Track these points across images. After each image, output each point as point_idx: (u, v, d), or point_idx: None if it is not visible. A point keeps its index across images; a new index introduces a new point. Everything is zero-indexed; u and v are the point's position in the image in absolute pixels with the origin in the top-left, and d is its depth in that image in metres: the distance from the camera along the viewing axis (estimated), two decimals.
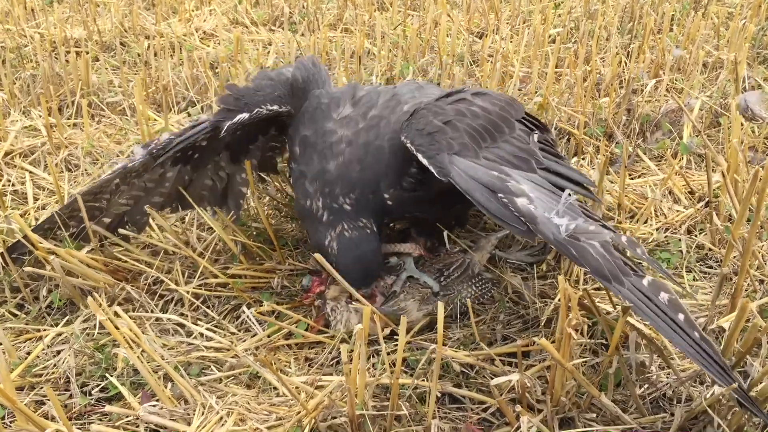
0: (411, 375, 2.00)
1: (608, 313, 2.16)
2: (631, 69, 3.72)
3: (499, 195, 1.83)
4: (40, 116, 3.50)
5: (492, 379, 1.90)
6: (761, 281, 2.32)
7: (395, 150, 2.10)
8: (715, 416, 1.73)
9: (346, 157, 2.13)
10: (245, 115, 2.26)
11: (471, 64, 4.04)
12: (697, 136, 3.16)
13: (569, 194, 1.88)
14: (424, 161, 1.96)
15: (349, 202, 2.12)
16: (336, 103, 2.28)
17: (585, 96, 3.42)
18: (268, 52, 4.36)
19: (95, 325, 2.23)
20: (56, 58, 4.08)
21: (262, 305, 2.30)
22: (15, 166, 3.17)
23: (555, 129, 3.32)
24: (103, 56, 4.25)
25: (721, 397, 1.76)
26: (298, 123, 2.30)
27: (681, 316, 1.72)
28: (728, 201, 2.58)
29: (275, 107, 2.30)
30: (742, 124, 3.01)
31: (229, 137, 2.42)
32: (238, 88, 2.39)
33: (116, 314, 2.08)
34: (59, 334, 2.25)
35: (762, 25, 4.43)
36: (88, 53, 4.04)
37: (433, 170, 1.94)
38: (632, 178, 3.02)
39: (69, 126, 3.53)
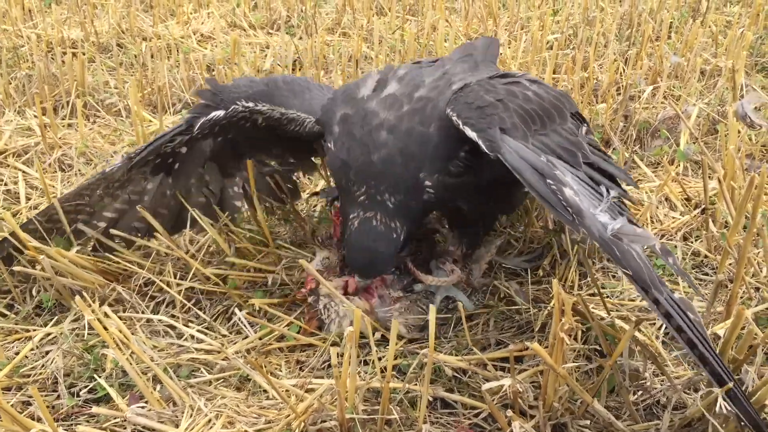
0: (402, 379, 1.98)
1: (602, 318, 2.14)
2: (628, 76, 3.71)
3: (548, 181, 1.77)
4: (35, 116, 3.49)
5: (484, 384, 1.88)
6: (757, 288, 2.30)
7: (443, 133, 1.98)
8: (711, 419, 1.71)
9: (390, 149, 2.00)
10: (221, 113, 2.20)
11: None
12: (694, 143, 3.15)
13: (612, 194, 1.84)
14: (472, 135, 1.87)
15: (393, 201, 2.02)
16: (364, 82, 2.16)
17: (582, 102, 3.41)
18: (266, 56, 4.35)
19: (84, 326, 2.20)
20: (52, 58, 4.06)
21: (254, 305, 2.28)
22: (8, 166, 3.15)
23: None
24: (99, 57, 4.24)
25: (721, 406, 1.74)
26: (332, 108, 2.15)
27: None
28: (724, 208, 2.57)
29: (250, 104, 2.22)
30: (739, 132, 3.00)
31: (211, 145, 2.38)
32: (217, 83, 2.34)
33: (106, 315, 2.06)
34: (48, 335, 2.23)
35: (760, 33, 4.43)
36: (84, 54, 4.03)
37: (482, 145, 1.85)
38: (629, 184, 3.00)
39: (63, 126, 3.51)
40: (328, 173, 2.65)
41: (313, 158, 2.62)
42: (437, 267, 2.31)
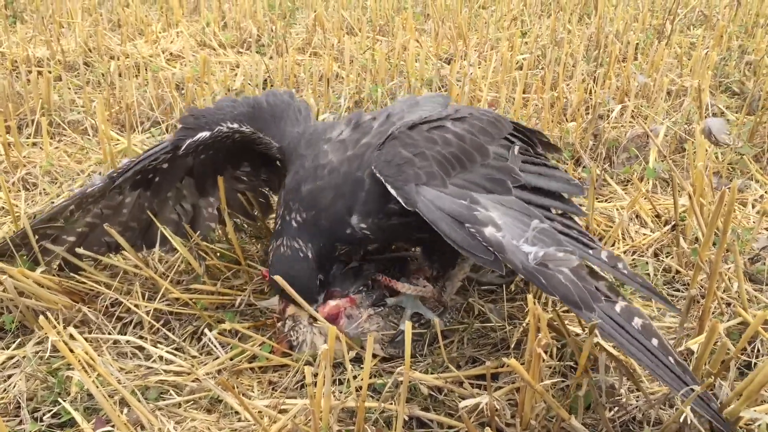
0: (377, 398, 1.94)
1: (577, 334, 2.14)
2: (597, 95, 3.76)
3: (467, 225, 1.79)
4: None
5: (461, 402, 1.85)
6: (728, 304, 2.32)
7: (374, 181, 2.03)
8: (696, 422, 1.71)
9: (323, 185, 2.07)
10: (206, 134, 2.23)
11: (440, 88, 4.04)
12: (662, 160, 3.19)
13: (534, 224, 1.86)
14: (393, 192, 1.93)
15: (298, 219, 2.07)
16: (332, 126, 2.23)
17: (552, 121, 3.44)
18: (236, 75, 4.33)
19: (48, 349, 2.13)
20: (17, 77, 3.99)
21: (225, 326, 2.23)
22: None
23: None
24: (66, 76, 4.18)
25: (692, 419, 1.74)
26: (294, 147, 2.22)
27: (655, 342, 1.70)
28: (695, 224, 2.60)
29: (235, 125, 2.25)
30: (706, 150, 3.04)
31: (192, 161, 2.37)
32: (198, 108, 2.35)
33: (71, 336, 1.99)
34: (10, 358, 2.15)
35: (723, 55, 4.53)
36: (50, 72, 3.97)
37: (401, 200, 1.90)
38: (600, 202, 3.03)
39: (28, 145, 3.44)
40: None
41: (275, 176, 2.61)
42: (410, 283, 2.29)
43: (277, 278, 1.97)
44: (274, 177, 2.59)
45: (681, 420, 1.68)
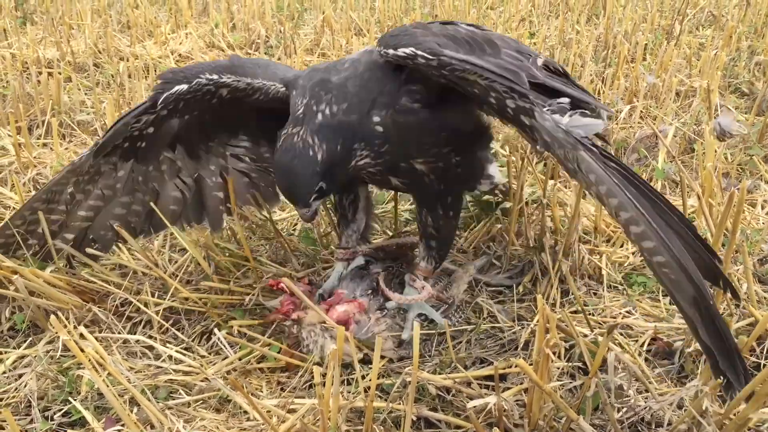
0: (386, 398, 1.95)
1: (585, 335, 2.13)
2: (605, 96, 3.75)
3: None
4: (9, 135, 3.43)
5: (469, 402, 1.85)
6: (737, 305, 2.31)
7: (388, 70, 2.01)
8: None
9: (348, 74, 2.04)
10: (183, 86, 2.20)
11: None
12: (671, 161, 3.18)
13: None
14: (408, 51, 1.89)
15: (326, 112, 1.99)
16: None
17: None
18: None
19: (59, 348, 2.15)
20: (28, 78, 4.02)
21: (234, 325, 2.24)
22: None
23: (531, 153, 3.33)
24: (75, 77, 4.20)
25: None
26: (298, 76, 2.17)
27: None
28: (704, 225, 2.59)
29: (214, 76, 2.21)
30: (715, 150, 3.03)
31: (177, 123, 2.34)
32: (176, 68, 2.35)
33: (82, 336, 2.00)
34: (22, 357, 2.17)
35: (733, 55, 4.51)
36: (60, 74, 3.99)
37: (420, 56, 1.86)
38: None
39: (38, 145, 3.46)
40: None
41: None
42: (408, 284, 2.30)
43: (285, 280, 1.97)
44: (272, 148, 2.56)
45: (690, 419, 1.68)
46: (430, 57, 1.86)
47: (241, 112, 2.35)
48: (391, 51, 1.94)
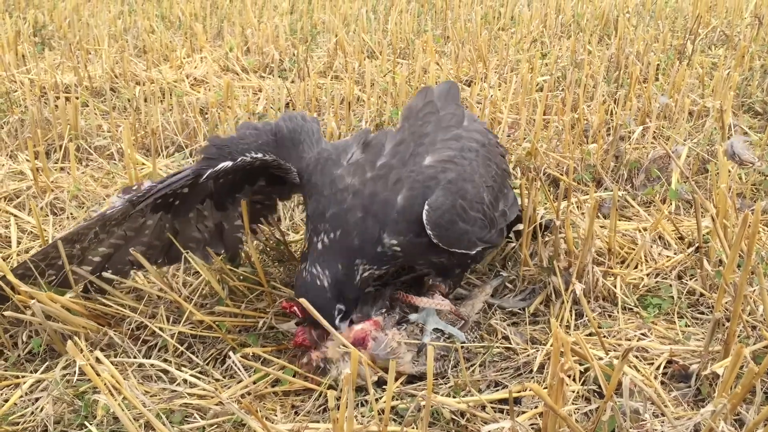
0: (400, 422, 1.94)
1: (600, 359, 2.12)
2: (618, 116, 3.76)
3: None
4: (27, 160, 3.48)
5: (483, 426, 1.85)
6: (754, 327, 2.29)
7: (408, 203, 2.11)
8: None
9: (349, 205, 2.11)
10: (228, 163, 2.26)
11: None
12: (685, 182, 3.17)
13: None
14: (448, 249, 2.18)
15: (324, 240, 2.10)
16: (344, 150, 2.28)
17: (573, 142, 3.44)
18: (258, 99, 4.39)
19: (75, 372, 2.16)
20: (45, 103, 4.08)
21: (248, 348, 2.25)
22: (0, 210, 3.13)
23: (543, 174, 3.33)
24: (92, 101, 4.26)
25: None
26: (310, 173, 2.27)
27: None
28: (718, 246, 2.58)
29: (259, 155, 2.30)
30: (729, 171, 3.02)
31: (212, 186, 2.41)
32: (220, 138, 2.39)
33: (98, 360, 2.02)
34: (38, 381, 2.18)
35: (746, 75, 4.51)
36: (77, 98, 4.05)
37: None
38: (622, 223, 3.01)
39: (56, 170, 3.51)
40: None
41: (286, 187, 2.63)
42: (427, 298, 2.32)
43: (302, 301, 1.99)
44: (285, 189, 2.63)
45: None
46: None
47: (266, 170, 2.45)
48: (431, 234, 2.12)
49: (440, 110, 2.37)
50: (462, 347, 2.21)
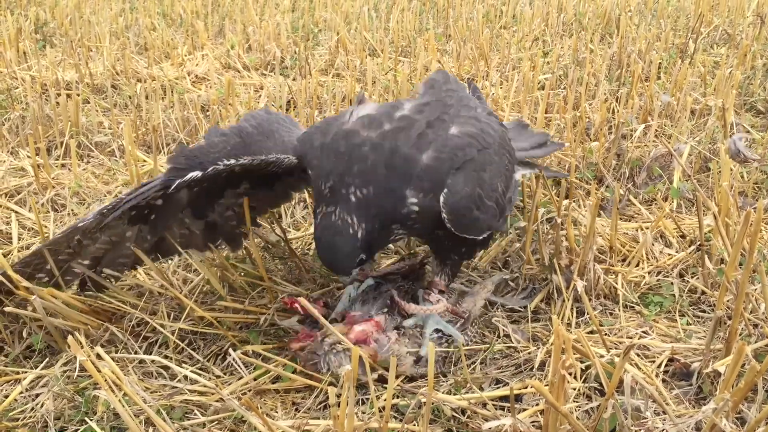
0: (401, 419, 1.94)
1: (602, 356, 2.12)
2: (620, 115, 3.75)
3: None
4: (28, 156, 3.48)
5: (484, 423, 1.84)
6: (755, 325, 2.29)
7: (440, 166, 2.08)
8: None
9: (372, 160, 2.06)
10: (197, 173, 2.16)
11: None
12: (687, 180, 3.17)
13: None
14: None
15: (357, 194, 2.04)
16: (343, 113, 2.23)
17: (575, 140, 3.43)
18: (260, 96, 4.38)
19: (76, 368, 2.16)
20: (47, 100, 4.08)
21: (249, 345, 2.24)
22: (0, 206, 3.13)
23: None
24: (93, 98, 4.26)
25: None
26: (311, 140, 2.21)
27: None
28: (720, 244, 2.57)
29: (231, 161, 2.20)
30: (731, 169, 3.02)
31: (186, 195, 2.35)
32: (189, 148, 2.30)
33: (98, 356, 2.02)
34: (38, 377, 2.18)
35: (748, 73, 4.50)
36: (79, 95, 4.04)
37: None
38: (623, 222, 3.01)
39: (57, 166, 3.50)
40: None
41: (273, 192, 2.59)
42: (423, 299, 2.30)
43: (301, 300, 1.98)
44: (272, 194, 2.58)
45: None
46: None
47: (247, 175, 2.39)
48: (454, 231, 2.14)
49: (458, 91, 2.38)
50: (463, 346, 2.21)
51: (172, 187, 2.17)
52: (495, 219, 2.24)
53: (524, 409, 1.97)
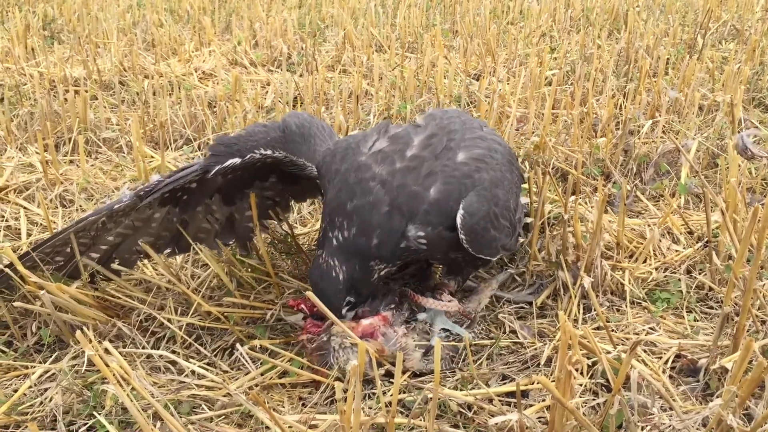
0: (407, 414, 1.95)
1: (608, 352, 2.12)
2: (627, 110, 3.74)
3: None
4: (37, 152, 3.50)
5: (490, 419, 1.85)
6: (763, 321, 2.28)
7: (442, 197, 2.11)
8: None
9: (375, 198, 2.09)
10: (237, 160, 2.26)
11: (468, 105, 4.06)
12: (694, 176, 3.16)
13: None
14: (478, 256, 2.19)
15: (339, 237, 2.09)
16: (363, 139, 2.26)
17: (582, 136, 3.43)
18: (267, 92, 4.39)
19: (84, 363, 2.17)
20: (55, 96, 4.09)
21: (256, 340, 2.25)
22: (9, 202, 3.15)
23: (552, 168, 3.33)
24: (101, 95, 4.27)
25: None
26: (329, 162, 2.26)
27: None
28: (728, 240, 2.56)
29: (269, 152, 2.29)
30: (739, 165, 3.01)
31: (221, 181, 2.41)
32: (228, 137, 2.38)
33: (106, 351, 2.03)
34: (47, 371, 2.19)
35: (756, 69, 4.48)
36: (86, 92, 4.06)
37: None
38: (631, 218, 3.01)
39: (65, 162, 3.52)
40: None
41: (299, 187, 2.65)
42: (434, 299, 2.31)
43: (309, 294, 2.00)
44: (297, 189, 2.65)
45: None
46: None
47: (278, 167, 2.45)
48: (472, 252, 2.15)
49: (460, 116, 2.40)
50: (471, 340, 2.21)
51: (212, 173, 2.26)
52: (509, 238, 2.27)
53: (530, 405, 1.97)
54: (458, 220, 2.09)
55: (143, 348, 2.27)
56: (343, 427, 1.73)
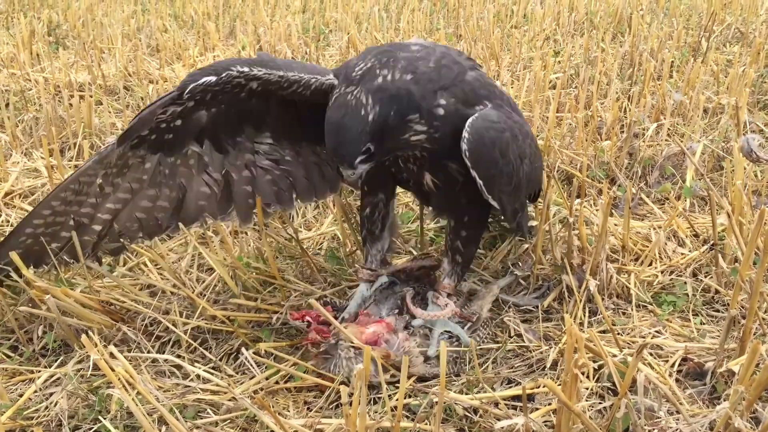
0: (413, 419, 1.94)
1: (614, 356, 2.11)
2: (631, 113, 3.73)
3: None
4: (42, 157, 3.51)
5: (496, 423, 1.84)
6: None
7: (477, 89, 2.09)
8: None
9: (421, 54, 2.07)
10: (212, 78, 2.18)
11: None
12: (700, 179, 3.15)
13: None
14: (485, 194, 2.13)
15: (388, 77, 1.99)
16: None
17: (587, 139, 3.42)
18: None
19: (89, 367, 2.18)
20: (60, 101, 4.10)
21: (261, 344, 2.25)
22: (15, 207, 3.15)
23: (557, 171, 3.32)
24: (106, 100, 4.28)
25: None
26: (348, 64, 2.15)
27: None
28: (734, 243, 2.56)
29: (245, 69, 2.19)
30: (745, 168, 3.00)
31: (205, 115, 2.34)
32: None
33: (112, 355, 2.03)
34: (52, 376, 2.19)
35: (761, 72, 4.47)
36: (91, 97, 4.07)
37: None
38: (636, 221, 3.00)
39: (70, 167, 3.52)
40: None
41: (306, 145, 2.52)
42: (432, 302, 2.30)
43: (313, 302, 1.98)
44: (297, 159, 2.52)
45: None
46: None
47: (268, 108, 2.36)
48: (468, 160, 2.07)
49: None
50: (474, 345, 2.21)
51: (187, 91, 2.19)
52: (508, 187, 2.15)
53: (536, 409, 1.97)
54: (469, 119, 2.03)
55: (148, 352, 2.27)
56: (349, 431, 1.73)
